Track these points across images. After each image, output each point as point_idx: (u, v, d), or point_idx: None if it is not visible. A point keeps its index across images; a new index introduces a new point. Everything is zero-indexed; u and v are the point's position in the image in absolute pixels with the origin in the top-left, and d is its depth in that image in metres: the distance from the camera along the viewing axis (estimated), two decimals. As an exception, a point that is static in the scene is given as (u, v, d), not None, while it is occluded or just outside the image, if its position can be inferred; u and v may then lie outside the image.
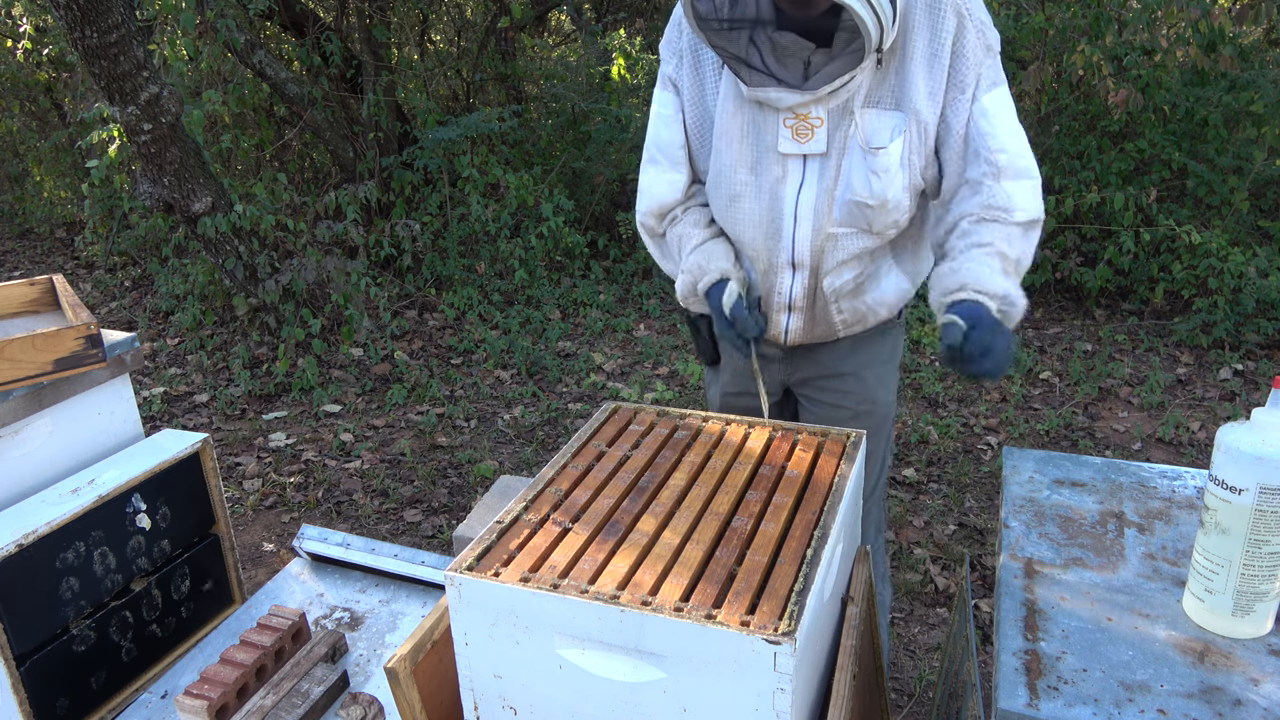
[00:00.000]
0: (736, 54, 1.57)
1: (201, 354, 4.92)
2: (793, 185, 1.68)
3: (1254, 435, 1.10)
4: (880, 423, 1.96)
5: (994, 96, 1.61)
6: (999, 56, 1.63)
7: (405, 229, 5.25)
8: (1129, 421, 3.97)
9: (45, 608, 1.72)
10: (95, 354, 1.88)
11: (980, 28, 1.59)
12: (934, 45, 1.57)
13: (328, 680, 1.64)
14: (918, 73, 1.58)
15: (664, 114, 1.78)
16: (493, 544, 1.25)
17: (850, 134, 1.62)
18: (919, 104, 1.59)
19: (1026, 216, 1.61)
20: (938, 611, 2.86)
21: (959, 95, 1.60)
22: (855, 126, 1.61)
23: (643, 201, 1.85)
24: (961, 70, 1.58)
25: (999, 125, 1.60)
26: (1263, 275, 4.53)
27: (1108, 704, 1.06)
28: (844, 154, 1.63)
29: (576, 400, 4.41)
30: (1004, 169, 1.60)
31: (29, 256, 7.36)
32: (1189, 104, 5.00)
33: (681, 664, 1.10)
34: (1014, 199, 1.60)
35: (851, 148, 1.63)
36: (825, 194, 1.67)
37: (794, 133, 1.64)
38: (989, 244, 1.58)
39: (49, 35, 6.85)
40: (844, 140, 1.63)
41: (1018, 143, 1.62)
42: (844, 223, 1.69)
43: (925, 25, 1.57)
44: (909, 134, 1.61)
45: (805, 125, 1.63)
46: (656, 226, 1.86)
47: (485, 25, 7.03)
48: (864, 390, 1.92)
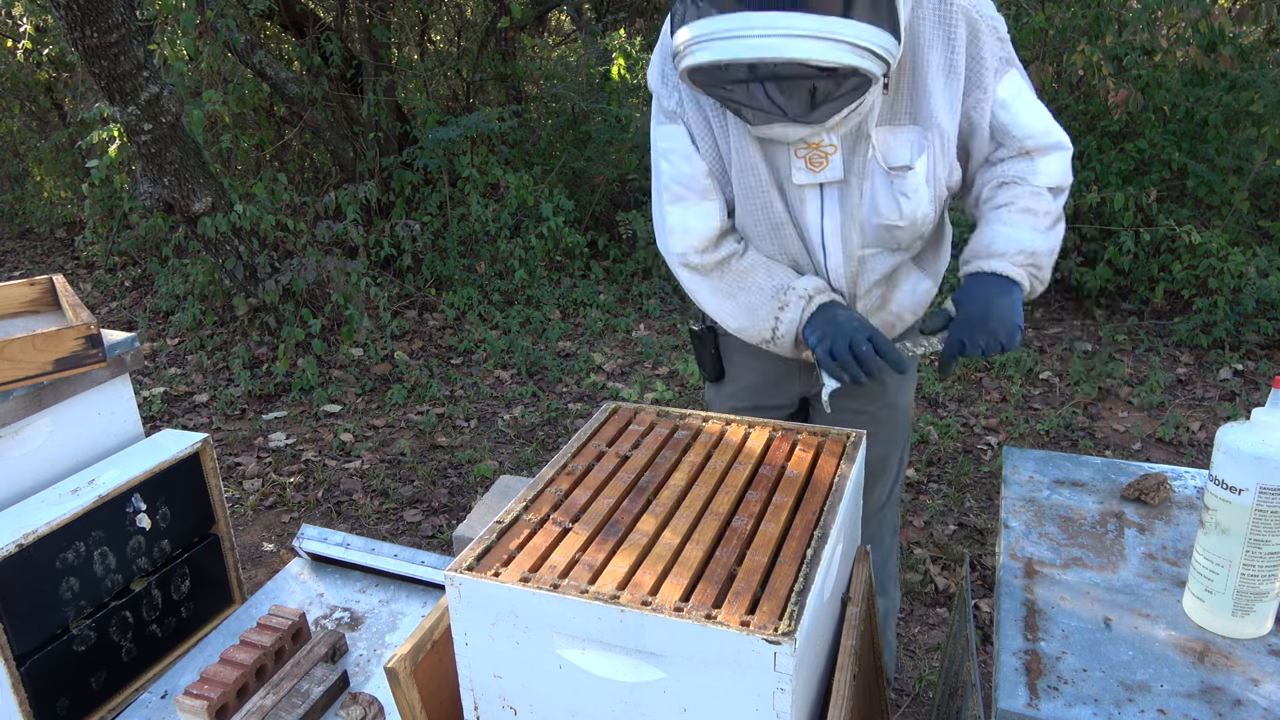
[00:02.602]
0: (737, 100, 1.47)
1: (201, 354, 4.92)
2: (814, 215, 1.63)
3: (1254, 435, 1.10)
4: (900, 427, 1.94)
5: (1007, 84, 1.58)
6: (1008, 37, 1.60)
7: (405, 229, 5.25)
8: (1129, 421, 3.97)
9: (45, 608, 1.72)
10: (95, 354, 1.88)
11: (991, 24, 1.55)
12: (950, 57, 1.52)
13: (328, 680, 1.64)
14: (935, 86, 1.53)
15: (677, 148, 1.66)
16: (493, 544, 1.25)
17: (868, 157, 1.57)
18: (940, 117, 1.55)
19: (1051, 182, 1.61)
20: (938, 611, 2.86)
21: (981, 96, 1.57)
22: (872, 148, 1.56)
23: (679, 241, 1.69)
24: (980, 73, 1.56)
25: (1018, 113, 1.58)
26: (1263, 275, 4.53)
27: (1108, 704, 1.06)
28: (864, 178, 1.58)
29: (576, 400, 4.41)
30: (1031, 151, 1.60)
31: (29, 256, 7.36)
32: (1189, 104, 5.00)
33: (681, 664, 1.10)
34: (1038, 167, 1.60)
35: (872, 171, 1.58)
36: (850, 220, 1.62)
37: (808, 162, 1.58)
38: (1011, 203, 1.59)
39: (49, 35, 6.85)
40: (862, 164, 1.57)
41: (1040, 121, 1.60)
42: (871, 244, 1.65)
43: (938, 37, 1.51)
44: (932, 148, 1.56)
45: (819, 154, 1.57)
46: (704, 261, 1.70)
47: (485, 25, 7.03)
48: (885, 395, 1.89)
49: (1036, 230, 1.59)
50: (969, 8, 1.52)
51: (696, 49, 1.37)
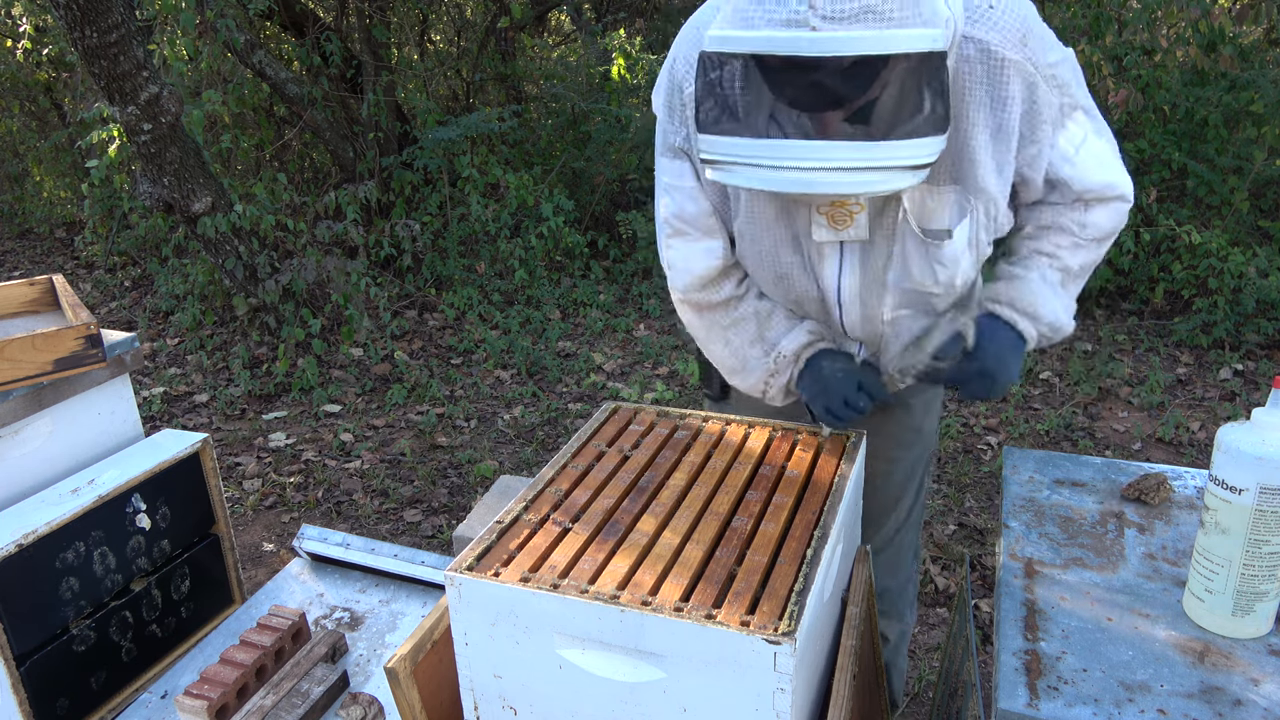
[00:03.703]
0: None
1: (201, 354, 4.92)
2: (831, 272, 1.51)
3: (1254, 435, 1.10)
4: (924, 451, 1.86)
5: (1070, 134, 1.43)
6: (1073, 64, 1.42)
7: (405, 229, 5.25)
8: (1129, 421, 3.96)
9: (45, 608, 1.71)
10: (95, 354, 1.88)
11: (1049, 73, 1.36)
12: (999, 117, 1.35)
13: (328, 680, 1.64)
14: (980, 147, 1.36)
15: (683, 186, 1.52)
16: (493, 544, 1.25)
17: (899, 219, 1.42)
18: (985, 181, 1.38)
19: (1100, 234, 1.50)
20: (938, 611, 2.86)
21: (1036, 152, 1.41)
22: (904, 211, 1.41)
23: (680, 277, 1.59)
24: (1036, 128, 1.38)
25: (1079, 165, 1.44)
26: (1263, 275, 4.53)
27: (1108, 704, 1.06)
28: (893, 240, 1.45)
29: (576, 400, 4.41)
30: (1089, 202, 1.48)
31: (29, 256, 7.36)
32: (1189, 104, 5.00)
33: (681, 664, 1.10)
34: (1090, 219, 1.49)
35: (903, 234, 1.43)
36: (874, 282, 1.51)
37: (830, 219, 1.44)
38: (1054, 255, 1.50)
39: (49, 35, 6.85)
40: (892, 226, 1.43)
41: (1102, 173, 1.45)
42: (903, 306, 1.53)
43: (985, 93, 1.33)
44: (975, 214, 1.41)
45: (843, 212, 1.42)
46: (703, 299, 1.60)
47: (485, 25, 7.03)
48: (911, 420, 1.81)
49: (1068, 294, 1.52)
50: (1023, 63, 1.33)
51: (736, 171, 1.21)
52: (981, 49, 1.31)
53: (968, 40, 1.31)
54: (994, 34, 1.31)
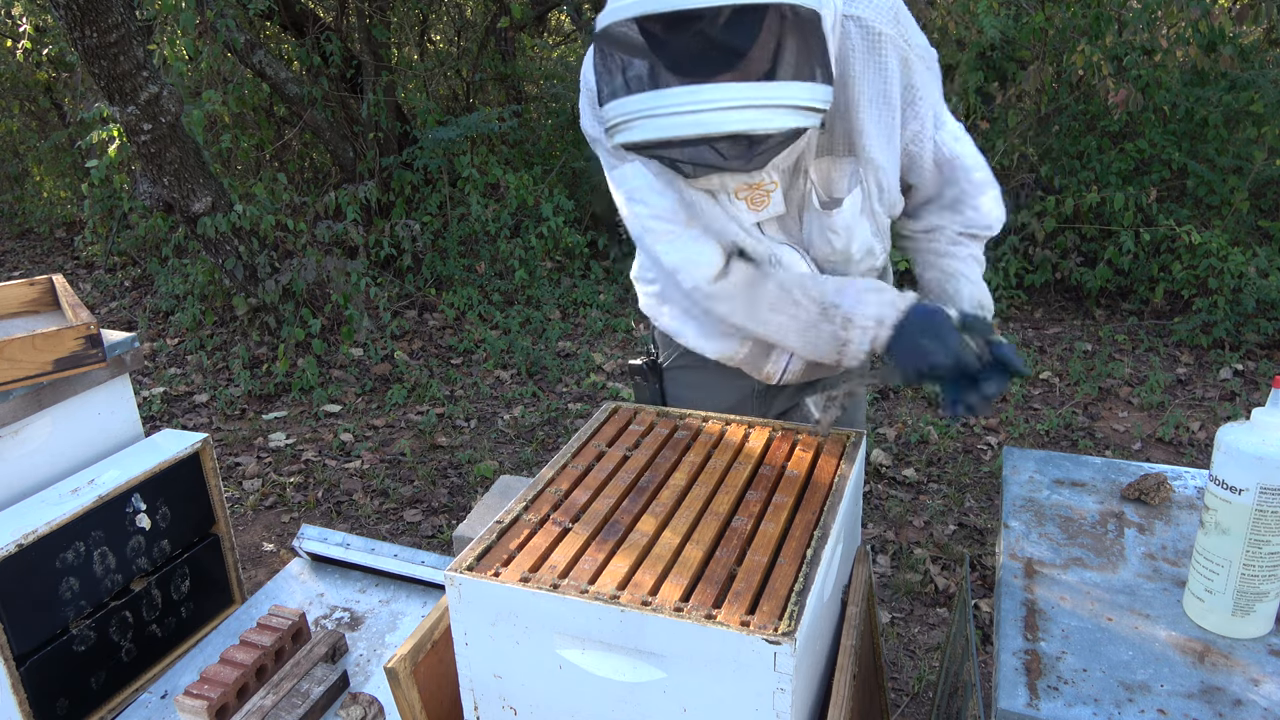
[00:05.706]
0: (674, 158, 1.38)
1: (201, 354, 4.92)
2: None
3: (1254, 435, 1.10)
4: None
5: (949, 117, 1.57)
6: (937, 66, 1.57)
7: (405, 229, 5.25)
8: (1129, 421, 3.97)
9: (45, 608, 1.72)
10: (95, 354, 1.88)
11: (922, 54, 1.50)
12: (883, 89, 1.47)
13: (328, 680, 1.64)
14: (867, 119, 1.48)
15: (642, 185, 1.55)
16: (493, 544, 1.25)
17: (806, 190, 1.54)
18: (873, 152, 1.50)
19: (994, 222, 1.64)
20: (938, 611, 2.86)
21: (920, 129, 1.53)
22: (810, 182, 1.53)
23: (689, 275, 1.56)
24: (918, 106, 1.51)
25: (965, 145, 1.58)
26: (1263, 275, 4.53)
27: (1108, 704, 1.06)
28: (804, 209, 1.56)
29: (576, 400, 4.41)
30: (979, 185, 1.59)
31: (29, 256, 7.36)
32: (1189, 104, 5.00)
33: (681, 664, 1.10)
34: (990, 215, 1.62)
35: (810, 204, 1.55)
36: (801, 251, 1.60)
37: (749, 203, 1.54)
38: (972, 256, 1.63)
39: (49, 35, 6.85)
40: (801, 198, 1.55)
41: (978, 154, 1.61)
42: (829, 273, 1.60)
43: (869, 68, 1.46)
44: (866, 184, 1.53)
45: (759, 193, 1.53)
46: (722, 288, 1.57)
47: (485, 25, 7.03)
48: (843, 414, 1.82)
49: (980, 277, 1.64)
50: (896, 38, 1.46)
51: (634, 125, 1.29)
52: (859, 24, 1.45)
53: (847, 19, 1.45)
54: (869, 10, 1.45)
